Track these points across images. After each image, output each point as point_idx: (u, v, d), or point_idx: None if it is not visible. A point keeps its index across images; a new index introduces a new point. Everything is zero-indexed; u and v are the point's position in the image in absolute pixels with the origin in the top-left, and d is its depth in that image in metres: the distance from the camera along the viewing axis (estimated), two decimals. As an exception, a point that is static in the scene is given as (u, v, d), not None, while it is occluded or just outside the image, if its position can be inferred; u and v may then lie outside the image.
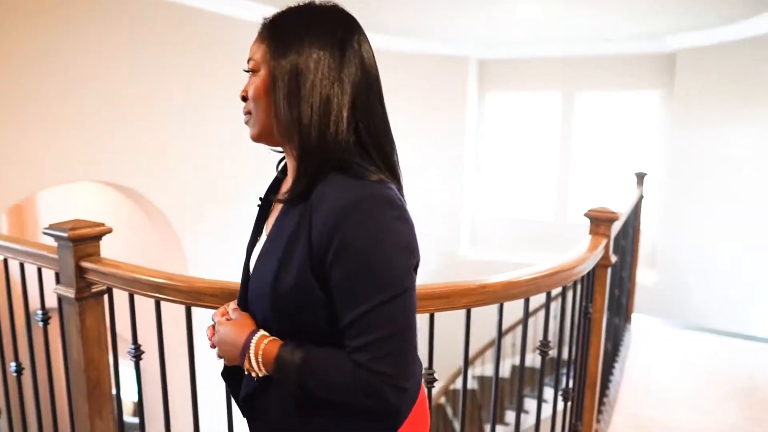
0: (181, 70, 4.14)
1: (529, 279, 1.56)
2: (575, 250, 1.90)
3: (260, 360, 0.92)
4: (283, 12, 0.95)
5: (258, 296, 0.96)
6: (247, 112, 0.97)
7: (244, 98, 0.97)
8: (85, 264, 1.52)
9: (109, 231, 1.58)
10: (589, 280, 2.09)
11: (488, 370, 6.17)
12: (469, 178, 7.05)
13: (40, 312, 1.76)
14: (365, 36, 0.96)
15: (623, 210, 2.72)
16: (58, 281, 1.66)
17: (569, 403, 2.02)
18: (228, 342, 0.96)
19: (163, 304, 1.49)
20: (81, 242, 1.53)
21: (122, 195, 4.45)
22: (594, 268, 2.09)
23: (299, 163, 0.92)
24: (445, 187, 6.88)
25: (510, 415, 5.38)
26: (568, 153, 6.77)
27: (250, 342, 0.94)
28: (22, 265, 1.80)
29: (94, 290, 1.57)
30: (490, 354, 6.07)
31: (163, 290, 1.42)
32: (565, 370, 2.07)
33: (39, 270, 1.72)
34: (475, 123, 7.05)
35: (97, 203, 5.50)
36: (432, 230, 6.84)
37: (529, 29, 5.70)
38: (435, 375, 1.52)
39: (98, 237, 1.57)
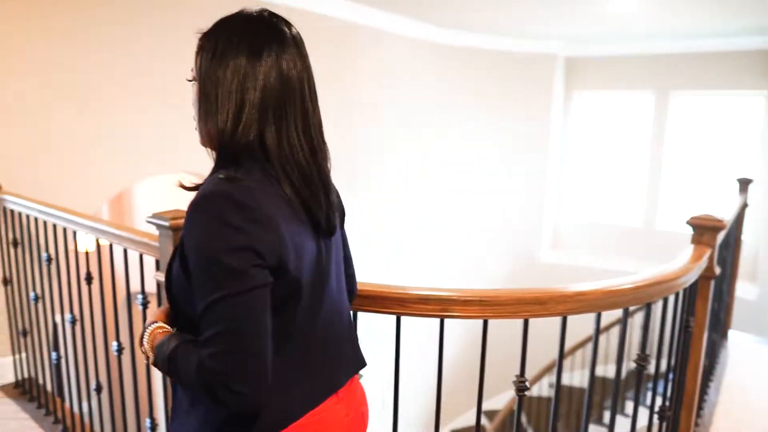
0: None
1: (630, 288, 1.47)
2: (678, 259, 1.78)
3: (148, 347, 1.00)
4: (214, 23, 0.99)
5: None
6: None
7: None
8: (184, 252, 1.58)
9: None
10: (691, 292, 1.95)
11: (565, 379, 5.96)
12: (552, 179, 6.84)
13: (140, 296, 1.85)
14: (292, 47, 0.97)
15: (727, 218, 2.53)
16: (157, 268, 1.74)
17: (664, 424, 1.90)
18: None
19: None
20: (180, 231, 1.58)
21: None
22: (696, 280, 1.95)
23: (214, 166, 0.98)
24: (526, 188, 6.71)
25: (592, 429, 5.17)
26: (660, 156, 6.41)
27: (145, 330, 1.01)
28: (125, 251, 1.90)
29: (191, 278, 1.63)
30: (566, 363, 5.88)
31: None
32: (653, 385, 1.95)
33: (141, 256, 1.81)
34: (560, 123, 6.82)
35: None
36: (511, 232, 6.70)
37: (621, 25, 5.43)
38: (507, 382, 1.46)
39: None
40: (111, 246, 1.96)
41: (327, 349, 1.05)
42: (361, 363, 1.15)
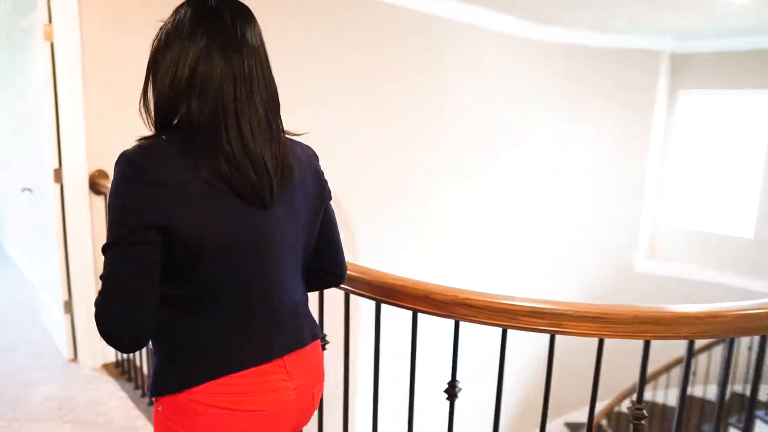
0: (364, 63, 4.26)
1: (772, 312, 1.30)
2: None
3: None
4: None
5: None
6: None
7: None
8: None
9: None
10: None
11: (659, 397, 5.59)
12: (651, 184, 6.42)
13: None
14: (228, 34, 1.02)
15: None
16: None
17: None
18: None
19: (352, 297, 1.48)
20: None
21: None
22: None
23: None
24: (621, 192, 6.34)
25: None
26: (776, 161, 5.85)
27: None
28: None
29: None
30: (660, 380, 5.51)
31: (355, 284, 1.41)
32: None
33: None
34: (663, 123, 6.38)
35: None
36: (603, 239, 6.36)
37: (736, 18, 4.99)
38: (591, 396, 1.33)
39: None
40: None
41: (254, 318, 1.07)
42: (302, 341, 1.15)
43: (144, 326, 0.97)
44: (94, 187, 3.03)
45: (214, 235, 1.00)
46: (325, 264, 1.23)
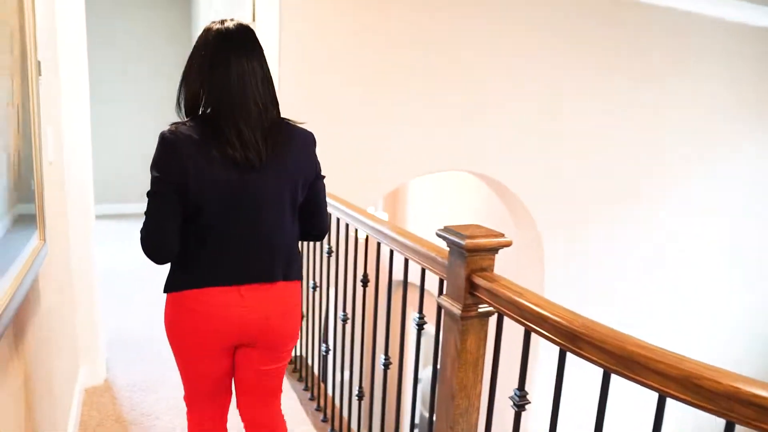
0: (545, 63, 3.82)
1: None
2: None
3: None
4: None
5: None
6: None
7: None
8: (477, 280, 1.28)
9: (508, 244, 1.31)
10: None
11: None
12: None
13: (416, 316, 1.63)
14: (212, 43, 1.44)
15: None
16: (441, 288, 1.49)
17: None
18: None
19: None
20: (476, 253, 1.30)
21: (485, 187, 4.41)
22: None
23: None
24: None
25: None
26: None
27: None
28: (406, 261, 1.70)
29: (480, 310, 1.34)
30: None
31: (542, 324, 1.09)
32: None
33: (423, 271, 1.59)
34: None
35: (462, 192, 5.67)
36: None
37: None
38: None
39: (495, 249, 1.31)
40: (392, 252, 1.79)
41: (234, 252, 1.45)
42: (270, 277, 1.49)
43: (165, 244, 1.41)
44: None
45: (211, 194, 1.40)
46: (309, 225, 1.61)
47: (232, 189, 1.41)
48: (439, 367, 1.46)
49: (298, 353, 3.05)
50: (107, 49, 6.37)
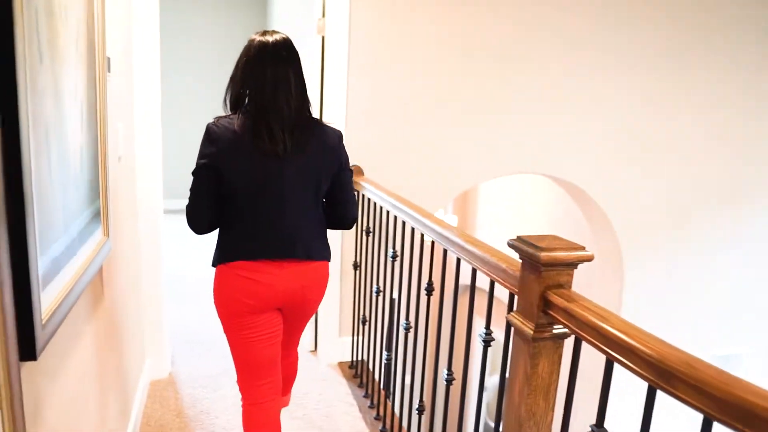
0: (640, 65, 3.54)
1: None
2: None
3: None
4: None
5: None
6: None
7: None
8: (553, 297, 1.15)
9: (590, 258, 1.16)
10: None
11: None
12: None
13: (483, 331, 1.50)
14: (254, 52, 1.68)
15: None
16: (511, 304, 1.36)
17: None
18: None
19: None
20: (553, 267, 1.16)
21: (561, 192, 4.18)
22: None
23: None
24: None
25: None
26: None
27: None
28: (473, 271, 1.58)
29: (555, 331, 1.19)
30: None
31: (629, 355, 0.94)
32: None
33: (491, 283, 1.46)
34: None
35: (536, 195, 5.45)
36: None
37: None
38: None
39: (574, 264, 1.17)
40: (458, 260, 1.67)
41: (262, 231, 1.70)
42: (293, 254, 1.72)
43: (202, 217, 1.70)
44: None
45: (242, 179, 1.65)
46: (334, 214, 1.85)
47: (259, 176, 1.66)
48: (506, 390, 1.33)
49: (360, 357, 2.98)
50: (181, 46, 6.60)
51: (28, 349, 0.99)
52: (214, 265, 1.75)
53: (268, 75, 1.64)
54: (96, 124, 1.54)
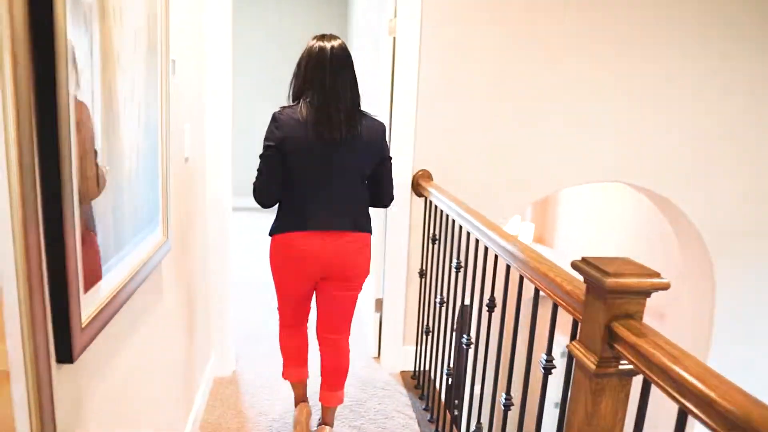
0: (743, 71, 3.21)
1: None
2: None
3: None
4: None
5: None
6: None
7: None
8: (619, 330, 1.01)
9: (665, 287, 1.02)
10: None
11: None
12: None
13: (544, 356, 1.38)
14: (316, 53, 2.00)
15: None
16: (574, 332, 1.23)
17: None
18: None
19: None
20: (621, 295, 1.02)
21: (644, 202, 3.89)
22: None
23: None
24: None
25: None
26: None
27: None
28: (536, 291, 1.45)
29: (621, 367, 1.06)
30: None
31: (705, 407, 0.79)
32: None
33: (554, 306, 1.33)
34: None
35: (620, 205, 5.13)
36: None
37: None
38: None
39: (646, 292, 1.03)
40: (521, 278, 1.55)
41: (315, 206, 2.03)
42: (339, 226, 2.07)
43: (268, 193, 2.03)
44: (416, 188, 2.90)
45: (301, 160, 1.98)
46: (374, 194, 2.18)
47: (316, 158, 1.98)
48: (564, 427, 1.20)
49: (423, 368, 2.88)
50: (255, 45, 6.76)
51: (64, 352, 0.99)
52: (271, 234, 2.09)
53: (329, 73, 1.97)
54: (158, 126, 1.56)
